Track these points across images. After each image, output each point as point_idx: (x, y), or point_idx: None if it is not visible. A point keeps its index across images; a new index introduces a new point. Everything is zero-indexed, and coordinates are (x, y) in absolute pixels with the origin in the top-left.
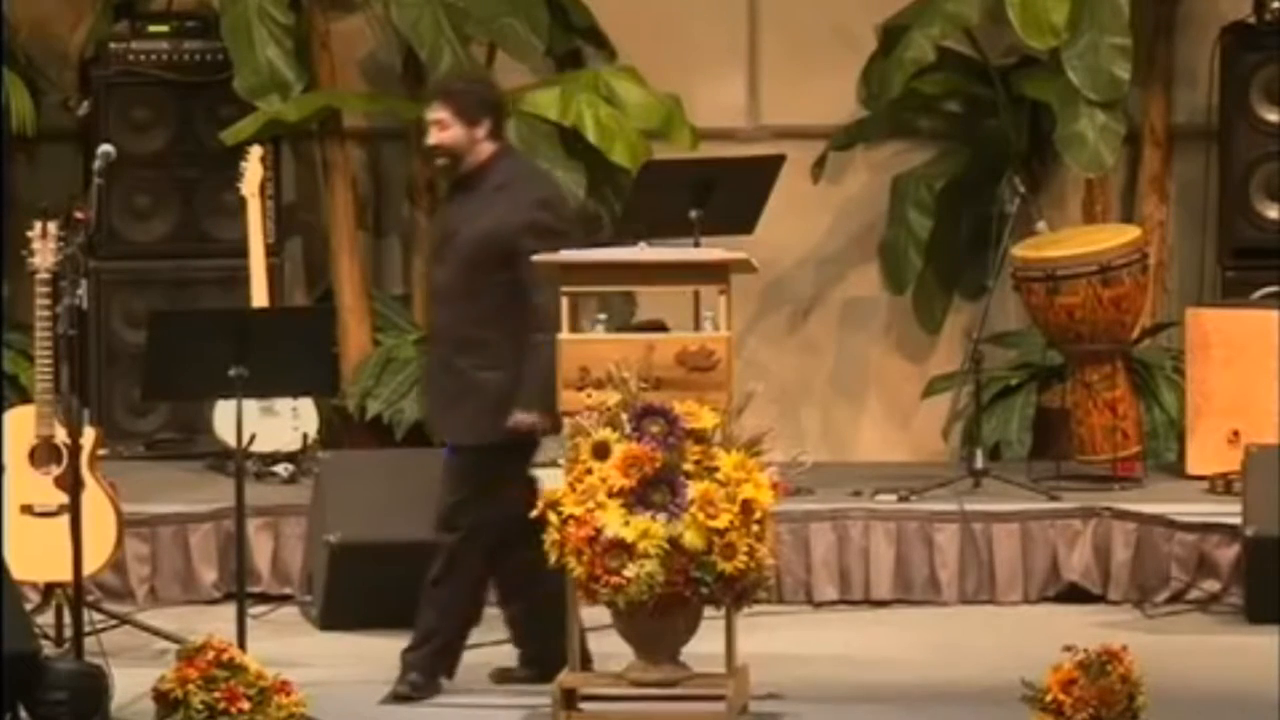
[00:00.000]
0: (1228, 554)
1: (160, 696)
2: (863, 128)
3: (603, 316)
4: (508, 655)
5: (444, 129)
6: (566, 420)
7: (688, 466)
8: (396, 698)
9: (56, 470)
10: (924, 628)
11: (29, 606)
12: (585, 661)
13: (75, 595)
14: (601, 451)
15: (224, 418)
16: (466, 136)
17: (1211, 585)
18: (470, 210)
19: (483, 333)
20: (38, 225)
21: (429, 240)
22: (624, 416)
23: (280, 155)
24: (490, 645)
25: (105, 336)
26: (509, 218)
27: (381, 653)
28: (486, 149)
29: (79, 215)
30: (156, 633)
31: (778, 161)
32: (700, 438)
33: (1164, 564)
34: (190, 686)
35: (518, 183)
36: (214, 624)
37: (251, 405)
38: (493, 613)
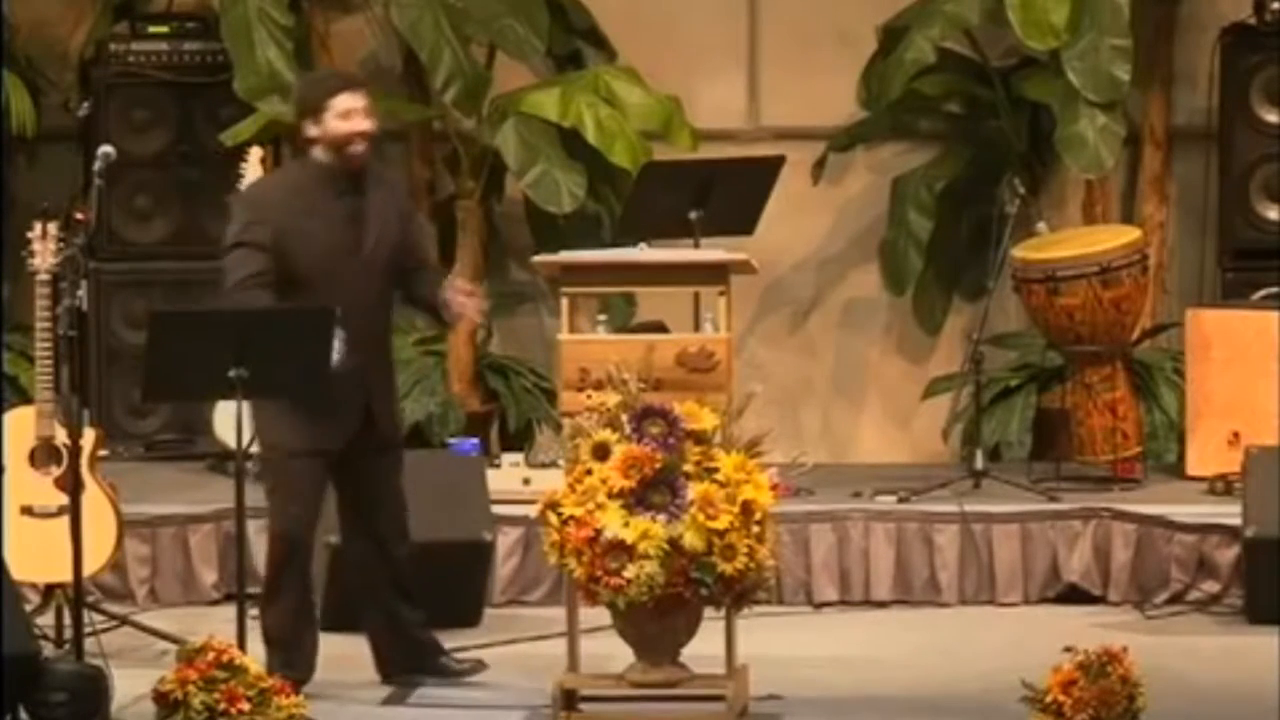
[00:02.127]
0: (1228, 555)
1: (160, 698)
2: (863, 129)
3: (603, 317)
4: (503, 655)
5: (369, 116)
6: (566, 421)
7: (688, 467)
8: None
9: (56, 471)
10: (924, 629)
11: (29, 608)
12: None
13: (75, 596)
14: (601, 452)
15: (224, 419)
16: None
17: (1211, 586)
18: (372, 213)
19: (390, 327)
20: (38, 226)
21: (320, 249)
22: (624, 417)
23: (280, 157)
24: (488, 647)
25: (105, 337)
26: (401, 213)
27: None
28: None
29: (79, 216)
30: (156, 634)
31: (778, 163)
32: (700, 439)
33: (1164, 565)
34: (190, 688)
35: (384, 175)
36: (214, 625)
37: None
38: (490, 613)
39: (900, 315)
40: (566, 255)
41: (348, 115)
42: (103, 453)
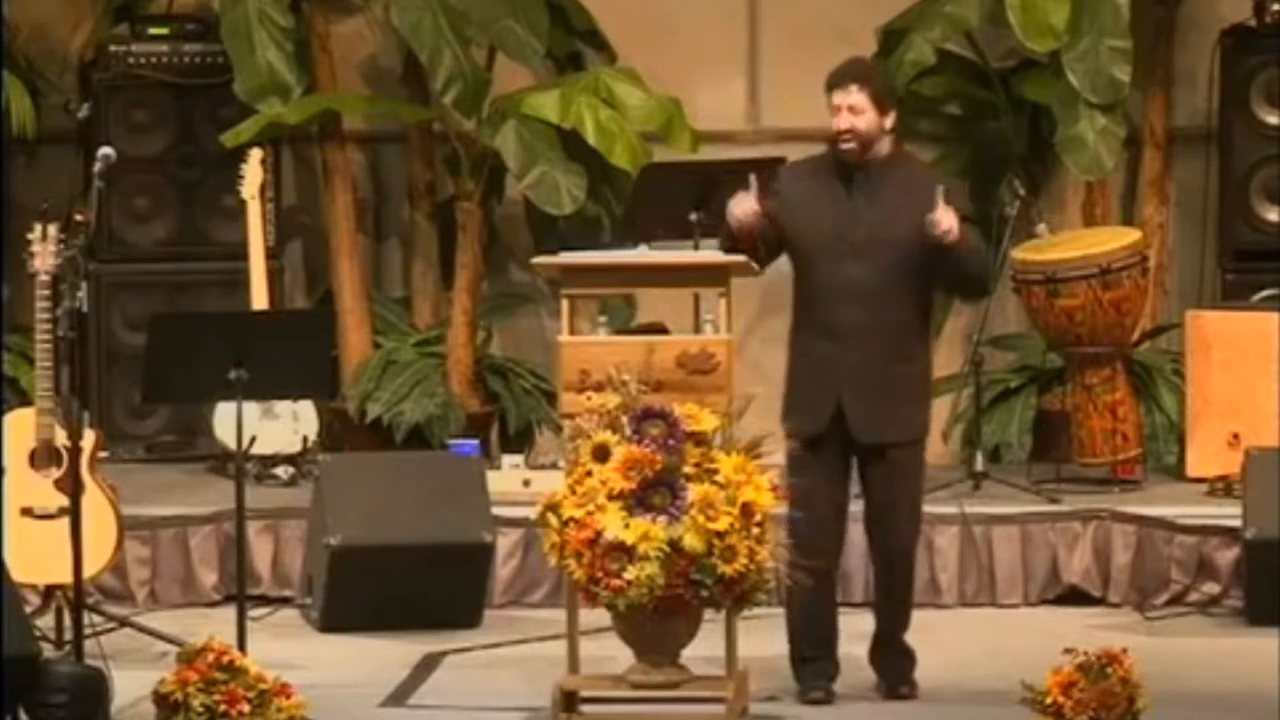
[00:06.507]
0: (1227, 556)
1: (160, 699)
2: None
3: (603, 319)
4: (503, 657)
5: (858, 114)
6: (566, 423)
7: (688, 469)
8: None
9: (57, 473)
10: (924, 630)
11: (29, 609)
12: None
13: (75, 598)
14: (602, 454)
15: (224, 420)
16: (878, 125)
17: (1211, 588)
18: (874, 203)
19: (907, 329)
20: (38, 228)
21: (809, 229)
22: (624, 419)
23: (280, 158)
24: (488, 648)
25: (105, 339)
26: (923, 210)
27: (381, 655)
28: (889, 142)
29: (79, 218)
30: (156, 635)
31: (778, 164)
32: (700, 440)
33: (1164, 566)
34: (190, 689)
35: (922, 180)
36: (214, 626)
37: (252, 408)
38: (490, 614)
39: None
40: (566, 257)
41: (834, 112)
42: (103, 454)
